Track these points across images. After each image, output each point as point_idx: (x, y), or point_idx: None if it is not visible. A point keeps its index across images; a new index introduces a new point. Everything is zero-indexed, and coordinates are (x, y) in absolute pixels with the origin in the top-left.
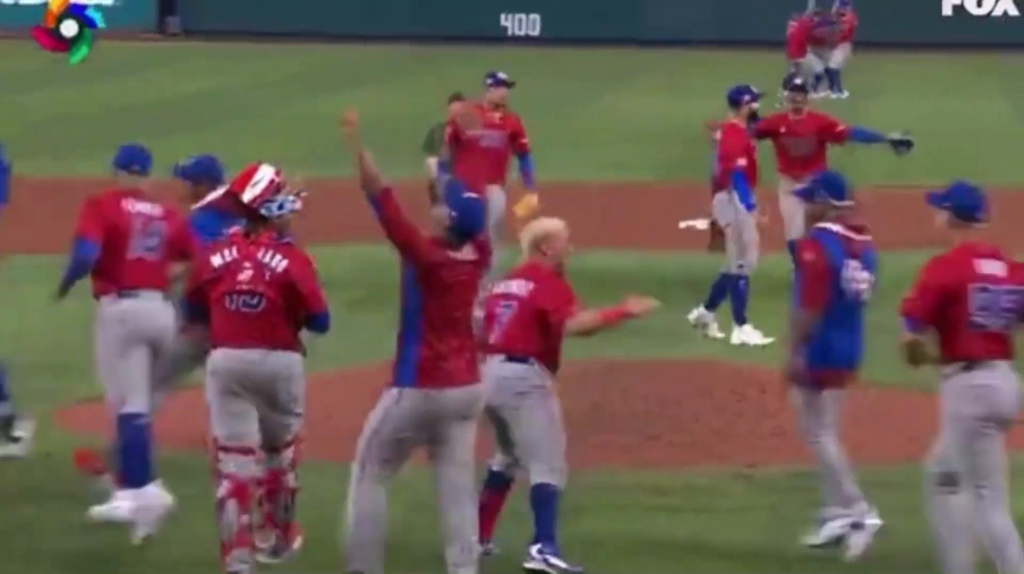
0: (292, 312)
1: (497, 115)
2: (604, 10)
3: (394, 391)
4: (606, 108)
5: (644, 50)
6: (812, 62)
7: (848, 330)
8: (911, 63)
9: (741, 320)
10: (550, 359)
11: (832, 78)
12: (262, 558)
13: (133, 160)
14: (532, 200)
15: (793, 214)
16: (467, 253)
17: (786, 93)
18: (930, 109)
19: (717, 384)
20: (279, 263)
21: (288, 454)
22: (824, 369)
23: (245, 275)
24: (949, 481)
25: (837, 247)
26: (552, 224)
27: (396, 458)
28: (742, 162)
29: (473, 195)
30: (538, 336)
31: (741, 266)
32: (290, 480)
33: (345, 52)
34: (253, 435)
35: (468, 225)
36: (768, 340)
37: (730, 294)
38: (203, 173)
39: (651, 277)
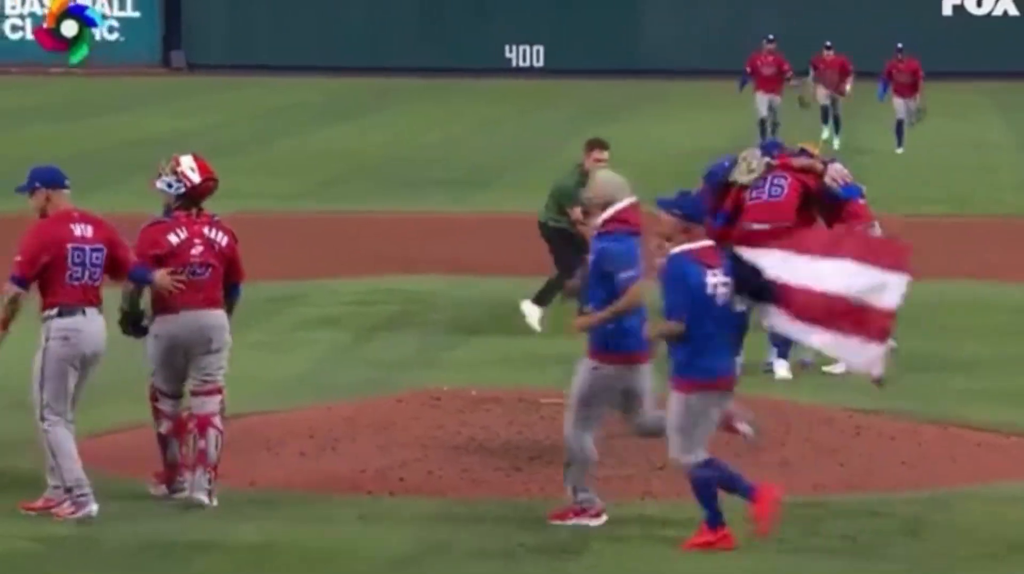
0: (224, 277)
1: None
2: (604, 41)
3: None
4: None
5: (643, 80)
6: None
7: None
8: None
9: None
10: None
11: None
12: (198, 496)
13: None
14: None
15: None
16: None
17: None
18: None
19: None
20: (222, 238)
21: (217, 399)
22: None
23: (197, 250)
24: None
25: None
26: None
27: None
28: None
29: None
30: None
31: None
32: (219, 422)
33: (351, 84)
34: (182, 387)
35: None
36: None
37: None
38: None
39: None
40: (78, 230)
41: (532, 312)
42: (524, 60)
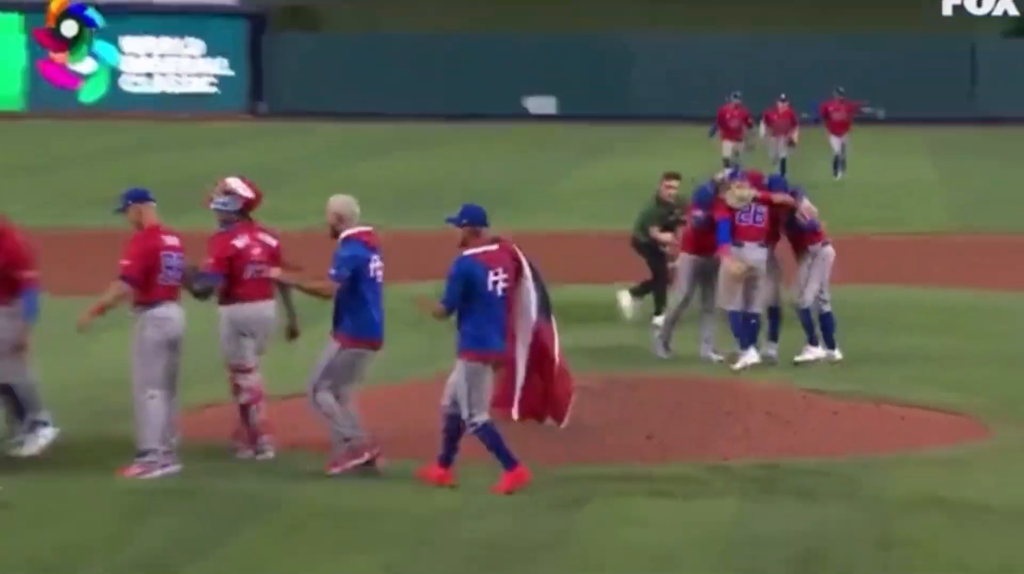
0: None
1: None
2: (603, 92)
3: None
4: (597, 170)
5: (635, 124)
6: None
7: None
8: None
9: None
10: None
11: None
12: (270, 453)
13: None
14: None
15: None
16: None
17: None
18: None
19: (699, 395)
20: (272, 241)
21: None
22: None
23: (256, 251)
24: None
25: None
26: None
27: None
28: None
29: None
30: None
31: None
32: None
33: (394, 127)
34: (254, 361)
35: None
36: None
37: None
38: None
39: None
40: (168, 240)
41: (626, 302)
42: (539, 108)
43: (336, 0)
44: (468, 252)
